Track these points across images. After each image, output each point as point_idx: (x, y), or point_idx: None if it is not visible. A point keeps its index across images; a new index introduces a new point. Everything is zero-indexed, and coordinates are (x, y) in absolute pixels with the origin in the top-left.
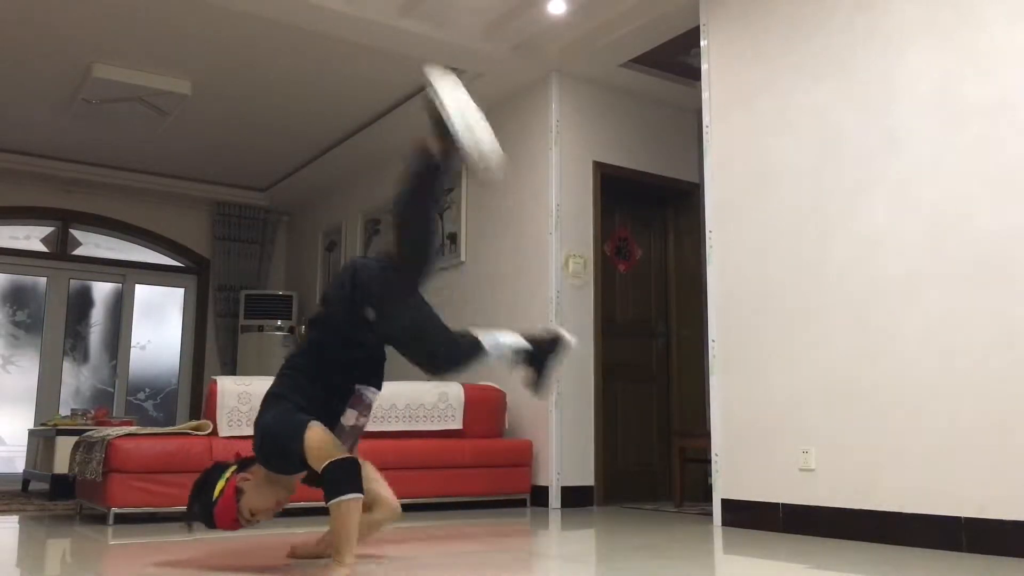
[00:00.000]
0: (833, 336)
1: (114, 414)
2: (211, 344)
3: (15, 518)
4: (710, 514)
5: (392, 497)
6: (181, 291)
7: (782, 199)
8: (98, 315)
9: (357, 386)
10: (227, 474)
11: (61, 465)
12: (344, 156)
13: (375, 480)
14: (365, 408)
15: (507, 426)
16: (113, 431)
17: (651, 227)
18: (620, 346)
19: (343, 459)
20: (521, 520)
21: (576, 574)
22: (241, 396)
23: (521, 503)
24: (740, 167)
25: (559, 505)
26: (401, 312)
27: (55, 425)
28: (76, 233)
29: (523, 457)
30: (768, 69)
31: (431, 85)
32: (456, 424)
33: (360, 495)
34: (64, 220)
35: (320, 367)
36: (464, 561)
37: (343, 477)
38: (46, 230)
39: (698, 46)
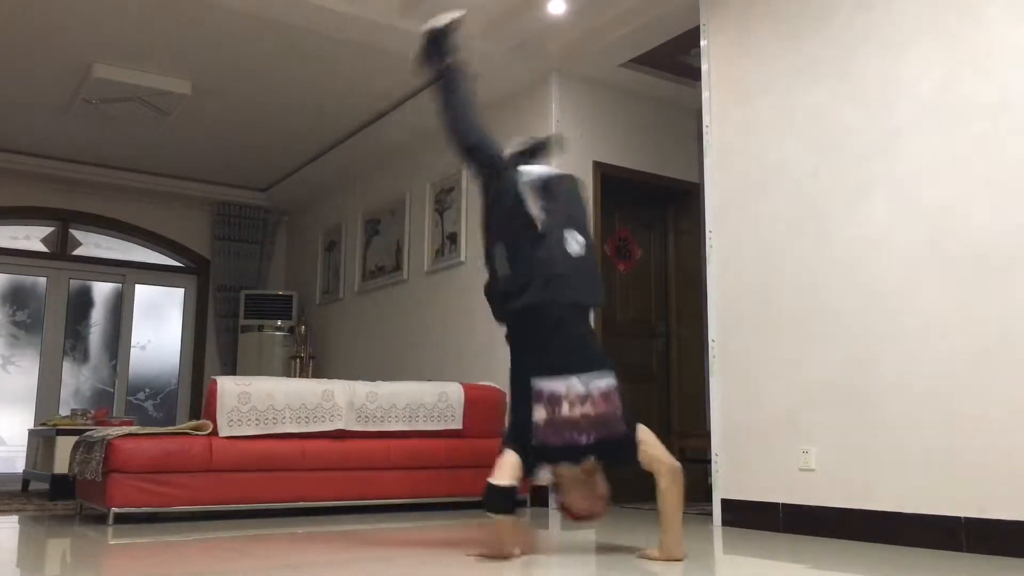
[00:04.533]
0: (833, 336)
1: (114, 414)
2: (211, 344)
3: (15, 518)
4: (710, 514)
5: (666, 456)
6: (181, 291)
7: (782, 199)
8: (98, 315)
9: (532, 380)
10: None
11: (61, 465)
12: (344, 156)
13: (651, 444)
14: (553, 401)
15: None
16: (113, 431)
17: (651, 227)
18: (620, 346)
19: (493, 484)
20: (521, 520)
21: (576, 574)
22: (241, 396)
23: (521, 503)
24: (740, 167)
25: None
26: None
27: (55, 425)
28: (76, 233)
29: None
30: (768, 69)
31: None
32: (456, 424)
33: (496, 515)
34: (64, 220)
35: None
36: (464, 561)
37: (486, 499)
38: (46, 230)
39: (698, 46)
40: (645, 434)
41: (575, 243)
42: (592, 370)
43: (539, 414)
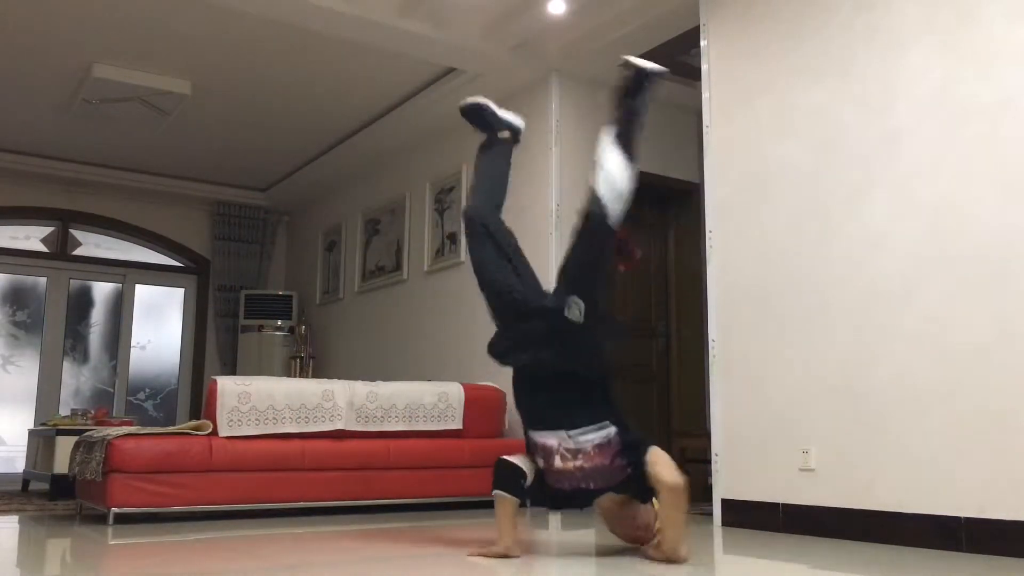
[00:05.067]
0: (833, 336)
1: (114, 414)
2: (211, 344)
3: (15, 518)
4: (710, 514)
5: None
6: (181, 291)
7: (782, 199)
8: (98, 315)
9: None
10: None
11: (61, 465)
12: (344, 156)
13: (655, 463)
14: (546, 452)
15: (507, 426)
16: (113, 431)
17: (651, 227)
18: (620, 346)
19: (502, 458)
20: (521, 520)
21: (576, 574)
22: (241, 396)
23: (521, 503)
24: (740, 167)
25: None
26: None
27: (55, 425)
28: (76, 233)
29: None
30: (768, 69)
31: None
32: (456, 424)
33: (497, 492)
34: (64, 220)
35: None
36: (463, 561)
37: (494, 474)
38: (46, 230)
39: (698, 46)
40: (655, 455)
41: (576, 309)
42: (585, 426)
43: (540, 462)
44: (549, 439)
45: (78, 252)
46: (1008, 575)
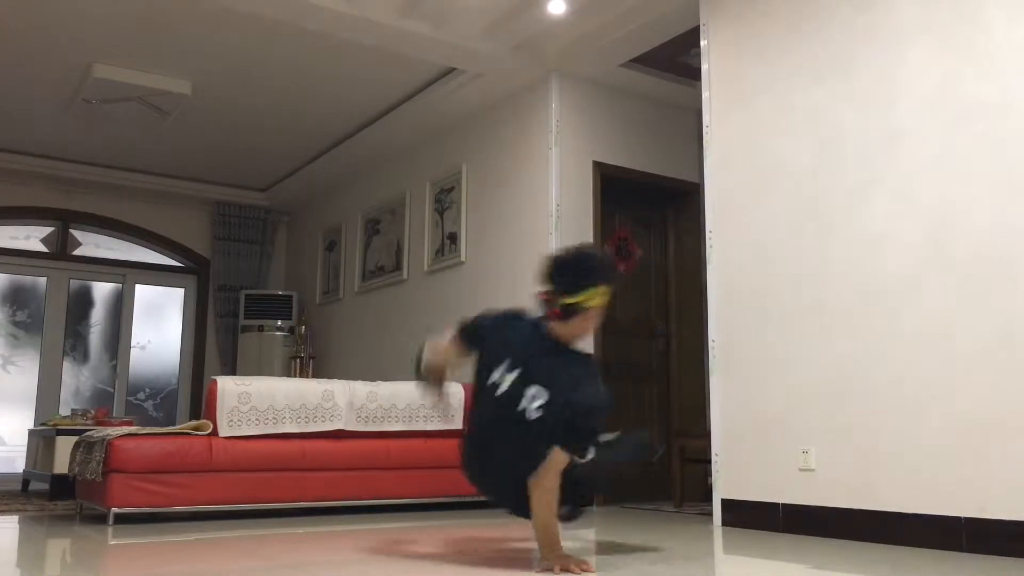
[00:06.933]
0: (833, 336)
1: (114, 414)
2: (211, 344)
3: (15, 518)
4: (710, 514)
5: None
6: (181, 291)
7: (782, 199)
8: (98, 315)
9: None
10: None
11: (61, 465)
12: (344, 156)
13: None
14: None
15: None
16: (113, 431)
17: (651, 227)
18: (620, 346)
19: None
20: (521, 520)
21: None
22: (241, 396)
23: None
24: (740, 167)
25: None
26: None
27: (55, 425)
28: (76, 233)
29: None
30: (768, 69)
31: None
32: (456, 424)
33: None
34: (64, 220)
35: None
36: (463, 561)
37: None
38: (46, 230)
39: (698, 46)
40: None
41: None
42: None
43: None
44: None
45: (78, 252)
46: (1008, 575)
